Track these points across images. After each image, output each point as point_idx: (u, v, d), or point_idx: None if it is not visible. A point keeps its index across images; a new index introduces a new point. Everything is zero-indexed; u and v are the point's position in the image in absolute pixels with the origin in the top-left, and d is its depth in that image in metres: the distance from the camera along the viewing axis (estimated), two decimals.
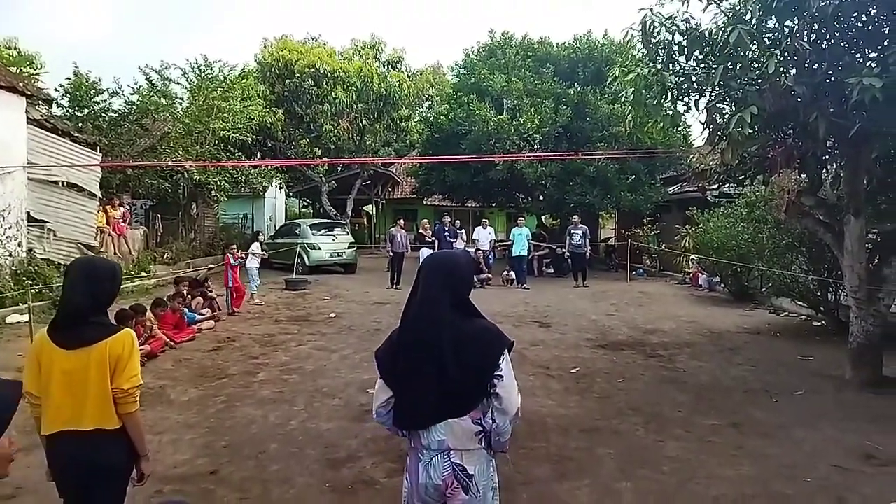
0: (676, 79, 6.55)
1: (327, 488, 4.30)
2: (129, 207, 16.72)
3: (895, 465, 4.61)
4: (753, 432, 5.37)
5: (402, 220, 16.66)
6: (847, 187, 6.86)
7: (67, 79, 16.91)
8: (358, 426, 5.53)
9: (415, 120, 27.06)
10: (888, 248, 7.21)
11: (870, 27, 5.82)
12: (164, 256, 16.83)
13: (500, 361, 2.28)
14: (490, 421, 2.30)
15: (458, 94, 19.64)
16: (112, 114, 17.55)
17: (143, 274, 14.24)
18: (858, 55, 5.91)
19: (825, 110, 5.56)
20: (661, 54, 6.55)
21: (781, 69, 5.48)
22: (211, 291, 11.16)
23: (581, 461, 4.76)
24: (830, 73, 5.79)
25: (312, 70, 22.28)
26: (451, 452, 2.29)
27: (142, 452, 2.71)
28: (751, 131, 6.22)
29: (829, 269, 9.30)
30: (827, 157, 7.31)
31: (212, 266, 15.67)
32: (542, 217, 22.64)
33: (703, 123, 6.72)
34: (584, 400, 6.35)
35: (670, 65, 6.59)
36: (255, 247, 13.25)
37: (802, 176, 7.72)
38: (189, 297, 10.14)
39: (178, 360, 7.97)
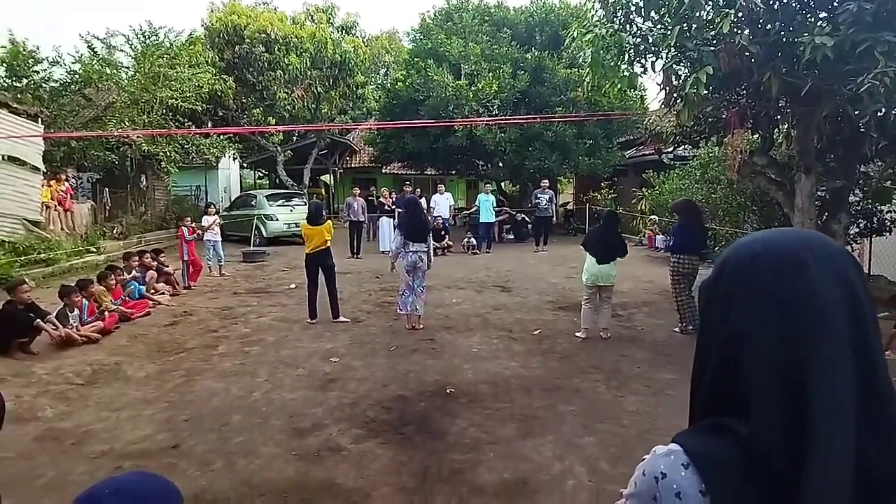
0: (633, 40, 6.55)
1: (293, 457, 4.27)
2: (74, 181, 16.06)
3: None
4: None
5: (357, 189, 16.53)
6: (798, 146, 7.02)
7: (3, 47, 15.96)
8: (322, 395, 5.51)
9: (371, 87, 26.52)
10: (836, 204, 7.45)
11: None
12: (114, 231, 16.28)
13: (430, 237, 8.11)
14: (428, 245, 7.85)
15: (415, 59, 19.29)
16: (53, 84, 16.72)
17: (93, 250, 13.75)
18: (810, 14, 5.99)
19: (778, 70, 5.63)
20: (619, 15, 6.53)
21: (736, 29, 5.52)
22: (167, 266, 10.86)
23: (545, 419, 4.84)
24: (783, 32, 5.86)
25: (263, 35, 21.52)
26: (419, 251, 7.70)
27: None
28: (706, 92, 6.28)
29: (779, 227, 9.57)
30: (779, 116, 7.46)
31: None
32: (502, 183, 22.63)
33: (659, 85, 6.76)
34: (546, 360, 6.45)
35: (627, 25, 6.58)
36: (206, 220, 12.73)
37: (755, 136, 7.87)
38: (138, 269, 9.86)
39: (134, 335, 7.76)
